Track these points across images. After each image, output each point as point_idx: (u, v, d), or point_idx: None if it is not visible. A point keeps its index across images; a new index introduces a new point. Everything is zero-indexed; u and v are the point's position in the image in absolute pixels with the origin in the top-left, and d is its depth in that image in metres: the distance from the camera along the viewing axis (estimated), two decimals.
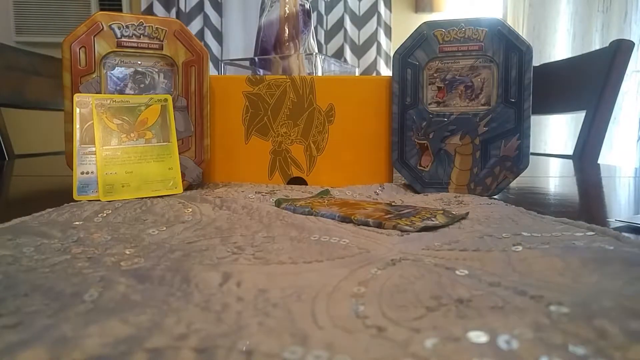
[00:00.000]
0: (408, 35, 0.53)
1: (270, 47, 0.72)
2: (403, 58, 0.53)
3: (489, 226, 0.33)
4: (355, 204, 0.40)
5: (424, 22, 0.53)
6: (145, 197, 0.44)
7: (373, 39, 2.80)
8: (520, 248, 0.27)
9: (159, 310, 0.18)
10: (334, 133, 0.56)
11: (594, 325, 0.17)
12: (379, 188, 0.52)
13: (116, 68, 0.49)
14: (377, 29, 2.80)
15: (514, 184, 0.61)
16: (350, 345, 0.15)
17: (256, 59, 0.73)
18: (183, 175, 0.50)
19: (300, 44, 0.72)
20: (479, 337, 0.16)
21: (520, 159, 0.50)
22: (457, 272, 0.23)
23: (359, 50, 2.82)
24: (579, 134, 1.17)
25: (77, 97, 0.47)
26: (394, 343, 0.16)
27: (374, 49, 2.80)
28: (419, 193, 0.51)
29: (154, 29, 0.50)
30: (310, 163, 0.57)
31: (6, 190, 0.57)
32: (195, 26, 2.68)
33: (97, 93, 0.48)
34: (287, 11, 0.71)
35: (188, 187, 0.51)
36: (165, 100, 0.49)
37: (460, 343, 0.15)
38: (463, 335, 0.16)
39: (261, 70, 0.74)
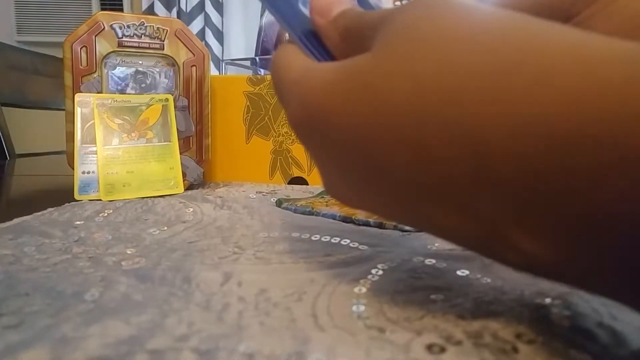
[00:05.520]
0: None
1: (271, 47, 0.72)
2: None
3: None
4: None
5: None
6: (146, 197, 0.44)
7: None
8: None
9: (160, 310, 0.18)
10: None
11: (595, 324, 0.17)
12: None
13: (117, 68, 0.49)
14: None
15: None
16: (351, 347, 0.15)
17: (257, 58, 0.73)
18: (184, 175, 0.49)
19: None
20: (479, 337, 0.16)
21: None
22: (458, 272, 0.23)
23: None
24: None
25: (78, 97, 0.47)
26: (394, 345, 0.16)
27: None
28: None
29: (155, 29, 0.50)
30: (311, 163, 0.56)
31: (7, 189, 0.57)
32: (196, 26, 2.68)
33: (98, 93, 0.48)
34: None
35: (189, 187, 0.51)
36: (167, 100, 0.49)
37: (461, 345, 0.15)
38: (464, 337, 0.16)
39: (262, 70, 0.74)
